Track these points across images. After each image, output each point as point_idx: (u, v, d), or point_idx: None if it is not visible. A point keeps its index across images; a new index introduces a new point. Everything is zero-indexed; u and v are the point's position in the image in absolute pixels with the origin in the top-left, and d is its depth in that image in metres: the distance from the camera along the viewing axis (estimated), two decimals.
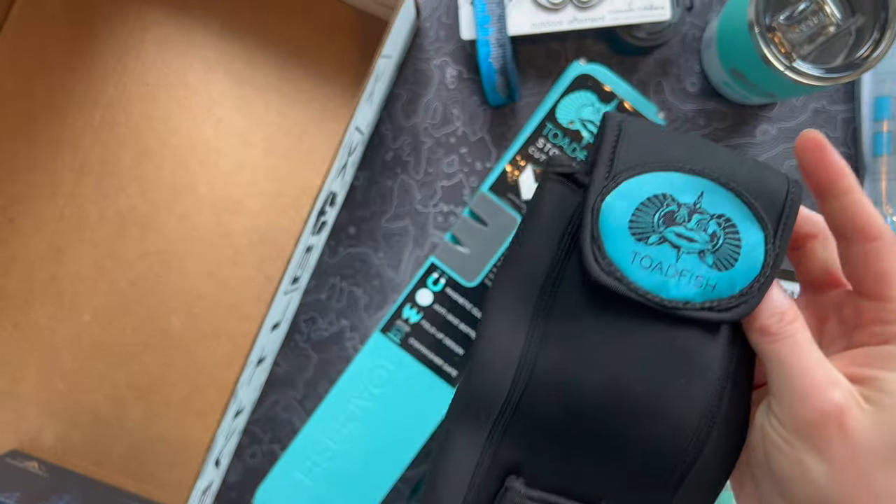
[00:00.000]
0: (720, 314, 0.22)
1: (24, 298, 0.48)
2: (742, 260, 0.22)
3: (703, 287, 0.22)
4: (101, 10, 0.48)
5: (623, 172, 0.22)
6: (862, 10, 0.38)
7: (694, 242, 0.22)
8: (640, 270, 0.22)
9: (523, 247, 0.24)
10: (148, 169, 0.48)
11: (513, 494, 0.23)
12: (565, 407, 0.23)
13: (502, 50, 0.41)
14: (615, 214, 0.22)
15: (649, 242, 0.22)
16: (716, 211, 0.23)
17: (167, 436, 0.48)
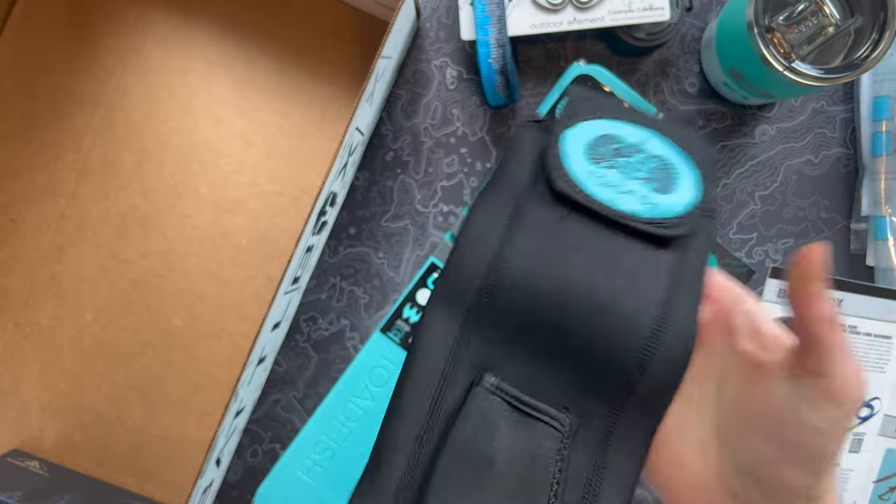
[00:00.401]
0: (664, 230, 0.25)
1: (26, 298, 0.48)
2: (680, 189, 0.26)
3: (647, 205, 0.26)
4: (102, 11, 0.48)
5: (581, 116, 0.27)
6: (861, 10, 0.38)
7: (639, 171, 0.26)
8: (594, 186, 0.26)
9: (503, 169, 0.27)
10: (149, 169, 0.48)
11: (482, 387, 0.25)
12: (532, 302, 0.25)
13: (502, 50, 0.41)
14: (573, 143, 0.27)
15: (601, 166, 0.26)
16: (656, 153, 0.27)
17: (168, 435, 0.48)
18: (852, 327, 0.45)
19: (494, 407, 0.25)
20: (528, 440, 0.25)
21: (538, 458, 0.25)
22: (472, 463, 0.24)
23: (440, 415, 0.25)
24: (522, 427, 0.25)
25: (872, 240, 0.46)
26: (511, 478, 0.24)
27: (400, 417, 0.25)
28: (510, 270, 0.25)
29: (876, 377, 0.46)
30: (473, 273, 0.25)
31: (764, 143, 0.48)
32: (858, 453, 0.46)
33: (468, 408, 0.25)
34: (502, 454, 0.24)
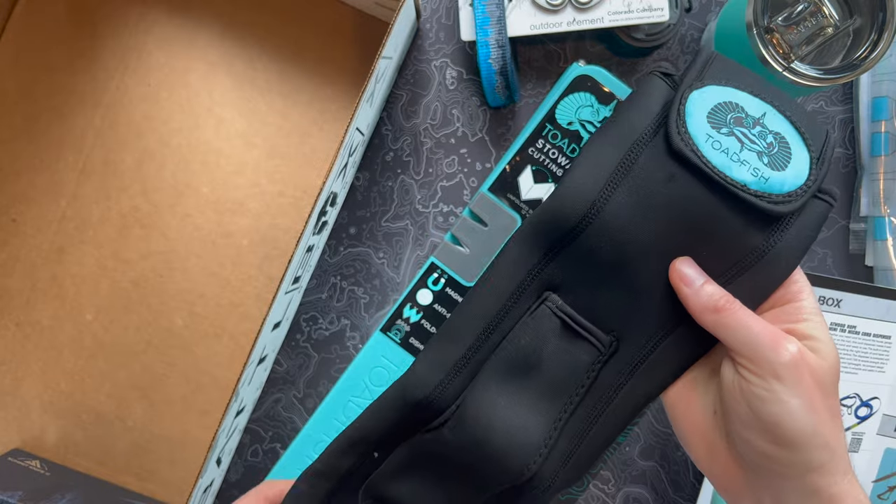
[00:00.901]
0: (769, 205, 0.26)
1: (27, 298, 0.48)
2: (791, 167, 0.27)
3: (758, 178, 0.26)
4: (103, 12, 0.48)
5: (710, 79, 0.28)
6: (860, 11, 0.38)
7: (755, 144, 0.27)
8: (710, 149, 0.26)
9: (625, 113, 0.28)
10: (150, 169, 0.48)
11: (549, 304, 0.29)
12: (615, 249, 0.27)
13: (502, 51, 0.41)
14: (698, 104, 0.27)
15: (721, 132, 0.27)
16: (774, 128, 0.27)
17: (169, 434, 0.48)
18: (851, 327, 0.45)
19: (551, 323, 0.28)
20: (571, 353, 0.29)
21: (575, 367, 0.28)
22: (520, 363, 0.28)
23: (505, 319, 0.29)
24: (569, 341, 0.29)
25: (871, 240, 0.47)
26: (547, 380, 0.28)
27: (471, 311, 0.29)
28: (604, 218, 0.27)
29: (875, 377, 0.46)
30: (568, 215, 0.28)
31: None
32: (857, 453, 0.46)
33: (531, 321, 0.29)
34: (546, 360, 0.28)
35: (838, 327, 0.45)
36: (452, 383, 0.29)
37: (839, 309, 0.45)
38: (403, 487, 0.30)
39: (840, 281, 0.45)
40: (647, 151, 0.27)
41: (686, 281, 0.27)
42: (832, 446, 0.25)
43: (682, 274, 0.27)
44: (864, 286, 0.45)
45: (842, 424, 0.26)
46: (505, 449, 0.28)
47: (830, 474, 0.25)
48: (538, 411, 0.28)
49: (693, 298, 0.27)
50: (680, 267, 0.28)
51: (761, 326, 0.26)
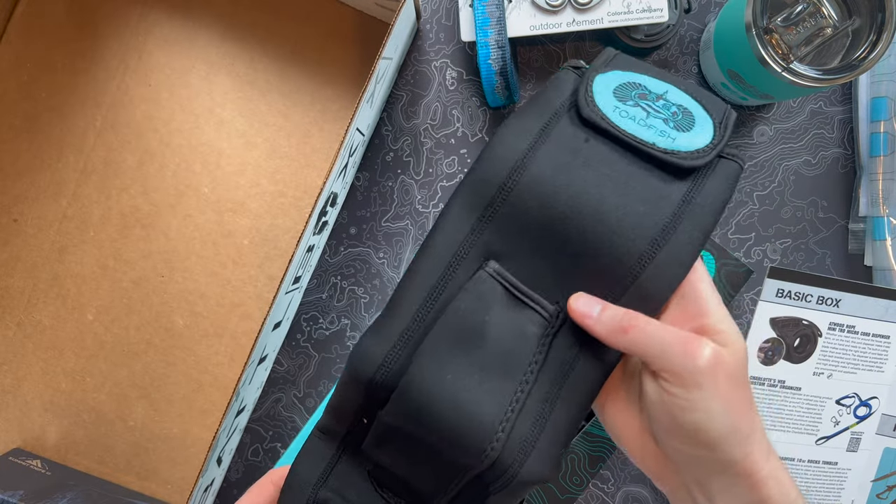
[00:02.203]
0: (679, 160, 0.28)
1: (28, 298, 0.48)
2: (696, 130, 0.29)
3: (665, 138, 0.28)
4: (104, 12, 0.48)
5: (614, 66, 0.31)
6: (859, 12, 0.38)
7: (660, 113, 0.29)
8: (618, 117, 0.29)
9: (541, 96, 0.30)
10: (150, 170, 0.48)
11: (485, 271, 0.28)
12: (543, 206, 0.28)
13: (502, 52, 0.41)
14: (603, 84, 0.30)
15: (627, 104, 0.29)
16: (677, 102, 0.29)
17: (169, 434, 0.48)
18: (850, 327, 0.45)
19: (492, 289, 0.28)
20: (517, 322, 0.28)
21: (523, 338, 0.28)
22: (464, 332, 0.28)
23: (447, 287, 0.29)
24: (514, 310, 0.28)
25: (870, 240, 0.47)
26: (496, 352, 0.27)
27: (413, 281, 0.29)
28: (530, 174, 0.28)
29: (874, 377, 0.46)
30: (496, 173, 0.28)
31: (762, 144, 0.48)
32: (856, 452, 0.46)
33: (469, 285, 0.28)
34: (492, 329, 0.28)
35: (837, 327, 0.45)
36: (400, 357, 0.28)
37: (838, 309, 0.45)
38: (389, 458, 0.29)
39: (839, 281, 0.45)
40: (563, 120, 0.29)
41: (583, 314, 0.27)
42: (752, 437, 0.26)
43: (578, 310, 0.27)
44: (863, 286, 0.45)
45: (755, 408, 0.27)
46: (456, 423, 0.26)
47: (752, 462, 0.26)
48: (490, 389, 0.27)
49: (598, 328, 0.27)
50: (574, 305, 0.28)
51: (672, 335, 0.26)
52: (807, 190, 0.48)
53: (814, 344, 0.45)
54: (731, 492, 0.27)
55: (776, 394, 0.45)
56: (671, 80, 0.30)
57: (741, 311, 0.48)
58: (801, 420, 0.46)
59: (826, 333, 0.45)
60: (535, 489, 0.30)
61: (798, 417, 0.45)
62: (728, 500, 0.27)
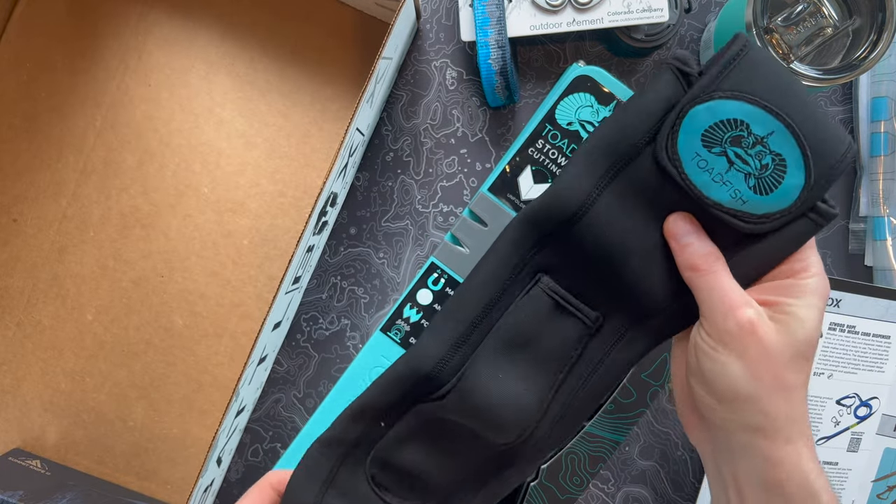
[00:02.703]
0: (741, 223, 0.28)
1: (27, 298, 0.48)
2: (778, 192, 0.28)
3: (736, 199, 0.28)
4: (104, 12, 0.48)
5: (718, 91, 0.28)
6: (859, 11, 0.38)
7: (747, 165, 0.28)
8: (694, 168, 0.28)
9: (629, 113, 0.29)
10: (150, 169, 0.48)
11: (542, 285, 0.31)
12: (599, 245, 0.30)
13: (502, 51, 0.41)
14: (696, 121, 0.28)
15: (712, 151, 0.28)
16: (776, 149, 0.28)
17: (169, 434, 0.48)
18: (851, 327, 0.45)
19: (543, 302, 0.31)
20: (561, 328, 0.31)
21: (565, 340, 0.31)
22: (515, 340, 0.31)
23: (503, 297, 0.32)
24: (560, 318, 0.31)
25: (871, 240, 0.47)
26: (541, 354, 0.31)
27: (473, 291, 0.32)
28: (591, 220, 0.30)
29: (874, 377, 0.46)
30: (562, 211, 0.30)
31: None
32: (857, 452, 0.46)
33: (524, 299, 0.31)
34: (539, 336, 0.31)
35: (838, 327, 0.45)
36: (454, 357, 0.32)
37: (839, 309, 0.45)
38: (408, 454, 0.32)
39: (839, 281, 0.45)
40: (639, 159, 0.29)
41: (673, 235, 0.29)
42: (771, 414, 0.27)
43: (672, 229, 0.29)
44: (863, 286, 0.45)
45: (798, 398, 0.27)
46: (504, 415, 0.31)
47: (769, 439, 0.27)
48: (533, 381, 0.31)
49: (677, 253, 0.29)
50: (672, 222, 0.29)
51: (726, 292, 0.28)
52: None
53: None
54: (748, 460, 0.28)
55: None
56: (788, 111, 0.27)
57: None
58: None
59: (826, 333, 0.45)
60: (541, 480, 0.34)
61: None
62: (746, 469, 0.28)
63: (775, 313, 0.28)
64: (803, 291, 0.28)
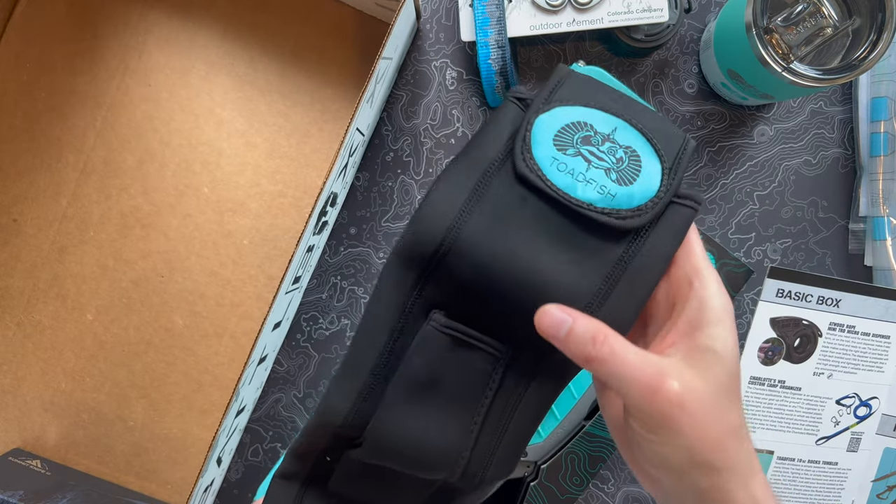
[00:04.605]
0: (616, 220, 0.27)
1: (28, 298, 0.48)
2: (641, 181, 0.27)
3: (604, 195, 0.27)
4: (104, 12, 0.48)
5: (556, 101, 0.28)
6: (859, 11, 0.38)
7: (603, 161, 0.28)
8: (555, 172, 0.27)
9: (477, 141, 0.29)
10: (150, 169, 0.48)
11: (433, 324, 0.29)
12: (478, 272, 0.28)
13: (502, 51, 0.41)
14: (544, 128, 0.28)
15: (567, 153, 0.28)
16: (624, 143, 0.28)
17: (169, 434, 0.48)
18: (850, 327, 0.45)
19: (439, 340, 0.29)
20: (468, 362, 0.29)
21: (475, 374, 0.29)
22: (419, 382, 0.29)
23: (398, 342, 0.29)
24: (464, 352, 0.29)
25: (870, 240, 0.47)
26: (452, 391, 0.29)
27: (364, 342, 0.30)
28: (463, 240, 0.27)
29: (874, 377, 0.46)
30: (430, 238, 0.28)
31: (762, 144, 0.48)
32: (856, 452, 0.46)
33: (418, 341, 0.29)
34: (445, 374, 0.29)
35: (837, 327, 0.45)
36: (364, 406, 0.30)
37: (838, 309, 0.45)
38: (358, 487, 0.31)
39: (839, 281, 0.45)
40: (499, 176, 0.28)
41: (548, 334, 0.26)
42: (725, 466, 0.25)
43: (542, 327, 0.26)
44: (863, 286, 0.45)
45: (744, 433, 0.26)
46: (421, 458, 0.29)
47: (724, 490, 0.25)
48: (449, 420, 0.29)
49: (562, 348, 0.26)
50: (538, 320, 0.27)
51: (636, 373, 0.25)
52: (807, 190, 0.48)
53: (814, 344, 0.45)
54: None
55: (776, 394, 0.45)
56: (623, 111, 0.28)
57: (741, 311, 0.48)
58: (801, 420, 0.46)
59: (826, 333, 0.45)
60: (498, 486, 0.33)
61: (798, 417, 0.45)
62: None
63: (689, 356, 0.26)
64: (706, 316, 0.26)
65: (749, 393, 0.45)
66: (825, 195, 0.48)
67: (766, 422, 0.45)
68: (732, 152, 0.48)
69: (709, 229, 0.48)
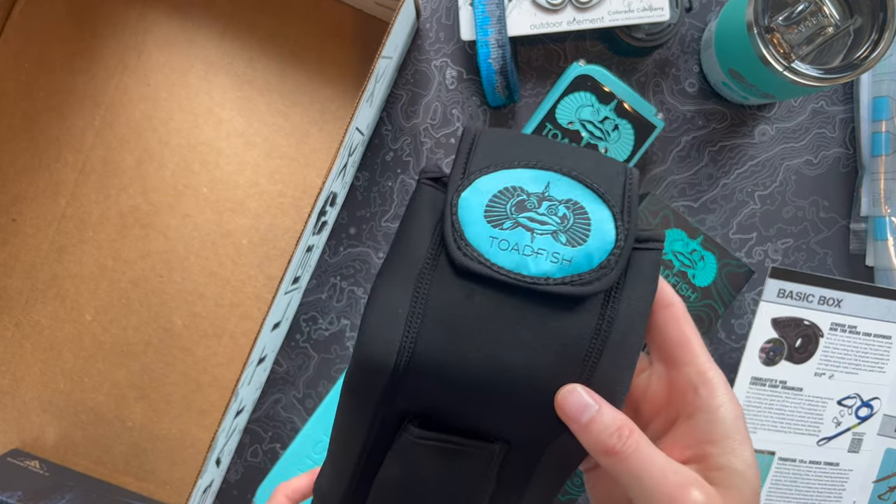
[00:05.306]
0: (581, 288, 0.24)
1: (26, 298, 0.48)
2: (594, 235, 0.24)
3: (559, 262, 0.24)
4: (103, 12, 0.48)
5: (475, 172, 0.25)
6: (860, 11, 0.38)
7: (546, 224, 0.24)
8: (498, 252, 0.24)
9: (402, 241, 0.26)
10: (149, 169, 0.48)
11: (408, 436, 0.25)
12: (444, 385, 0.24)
13: (502, 51, 0.41)
14: (470, 206, 0.25)
15: (504, 227, 0.24)
16: (563, 197, 0.25)
17: (168, 435, 0.48)
18: (852, 327, 0.45)
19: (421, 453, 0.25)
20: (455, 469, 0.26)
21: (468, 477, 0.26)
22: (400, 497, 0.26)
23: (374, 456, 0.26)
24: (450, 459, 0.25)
25: (872, 240, 0.47)
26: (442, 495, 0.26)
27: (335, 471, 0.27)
28: (420, 367, 0.24)
29: (875, 377, 0.46)
30: (381, 367, 0.24)
31: (763, 143, 0.48)
32: (858, 453, 0.46)
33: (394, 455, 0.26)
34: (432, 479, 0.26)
35: (839, 327, 0.45)
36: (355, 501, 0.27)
37: (840, 309, 0.45)
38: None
39: (840, 281, 0.44)
40: (437, 274, 0.24)
41: (569, 417, 0.24)
42: None
43: (565, 408, 0.24)
44: (864, 286, 0.45)
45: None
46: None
47: None
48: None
49: (581, 436, 0.24)
50: (561, 400, 0.24)
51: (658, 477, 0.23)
52: (808, 189, 0.48)
53: (815, 344, 0.45)
54: None
55: (777, 394, 0.45)
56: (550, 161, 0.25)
57: (742, 312, 0.48)
58: (802, 421, 0.45)
59: (828, 334, 0.45)
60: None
61: (799, 418, 0.45)
62: None
63: (708, 472, 0.24)
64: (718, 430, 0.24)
65: (750, 393, 0.45)
66: (826, 195, 0.48)
67: (768, 422, 0.45)
68: (733, 152, 0.48)
69: (710, 229, 0.48)
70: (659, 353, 0.27)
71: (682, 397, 0.25)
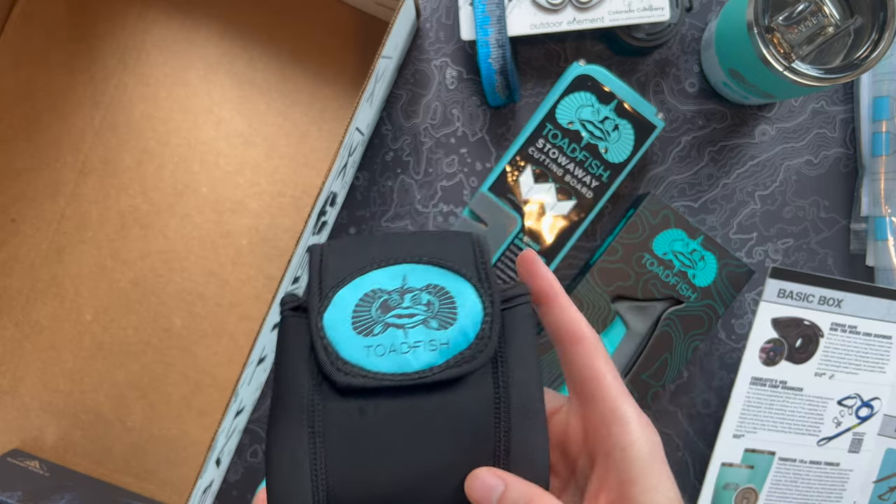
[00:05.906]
0: (468, 365, 0.24)
1: (26, 298, 0.48)
2: (462, 311, 0.25)
3: (438, 348, 0.24)
4: (103, 11, 0.48)
5: (332, 289, 0.25)
6: (860, 10, 0.38)
7: (415, 316, 0.25)
8: (377, 359, 0.24)
9: (282, 381, 0.25)
10: (149, 169, 0.48)
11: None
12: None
13: (502, 51, 0.41)
14: (337, 324, 0.25)
15: (375, 333, 0.24)
16: (422, 284, 0.25)
17: (168, 435, 0.48)
18: (852, 327, 0.45)
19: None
20: None
21: None
22: None
23: None
24: None
25: (872, 240, 0.46)
26: None
27: None
28: (336, 495, 0.24)
29: (876, 377, 0.46)
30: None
31: (764, 143, 0.48)
32: (858, 453, 0.46)
33: None
34: None
35: (839, 328, 0.45)
36: None
37: (840, 309, 0.45)
38: None
39: (841, 281, 0.44)
40: (326, 402, 0.24)
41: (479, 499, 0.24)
42: None
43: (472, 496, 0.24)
44: (864, 286, 0.45)
45: None
46: None
47: None
48: None
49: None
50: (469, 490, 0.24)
51: None
52: (808, 190, 0.48)
53: (815, 344, 0.45)
54: None
55: (778, 394, 0.45)
56: (398, 252, 0.26)
57: (743, 312, 0.48)
58: (802, 421, 0.45)
59: (828, 334, 0.45)
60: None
61: (800, 418, 0.45)
62: None
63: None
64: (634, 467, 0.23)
65: (750, 393, 0.45)
66: (827, 195, 0.48)
67: (768, 423, 0.45)
68: (734, 152, 0.48)
69: (710, 229, 0.48)
70: (573, 389, 0.26)
71: (597, 434, 0.25)
